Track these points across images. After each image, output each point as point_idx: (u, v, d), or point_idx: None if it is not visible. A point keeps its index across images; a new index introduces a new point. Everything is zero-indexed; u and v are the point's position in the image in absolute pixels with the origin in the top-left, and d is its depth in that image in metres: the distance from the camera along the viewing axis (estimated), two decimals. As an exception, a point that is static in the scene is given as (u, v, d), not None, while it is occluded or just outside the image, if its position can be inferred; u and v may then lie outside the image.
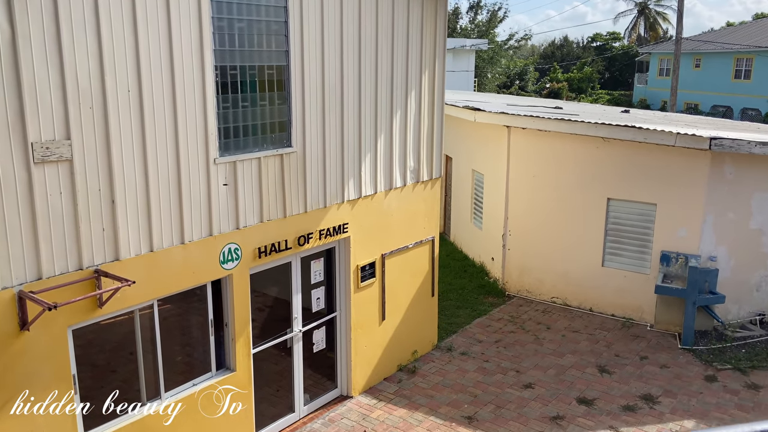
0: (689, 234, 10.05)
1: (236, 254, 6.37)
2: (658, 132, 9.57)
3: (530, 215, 11.60)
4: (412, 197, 8.76)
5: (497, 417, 7.88)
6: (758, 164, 9.82)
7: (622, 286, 10.82)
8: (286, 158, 6.75)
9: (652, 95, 45.92)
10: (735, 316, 10.37)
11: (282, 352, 7.42)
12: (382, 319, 8.57)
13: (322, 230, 7.36)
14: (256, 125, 6.45)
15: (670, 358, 9.44)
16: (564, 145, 11.04)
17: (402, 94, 8.19)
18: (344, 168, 7.52)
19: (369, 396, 8.36)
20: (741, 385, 8.64)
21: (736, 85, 37.92)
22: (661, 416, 7.90)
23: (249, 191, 6.42)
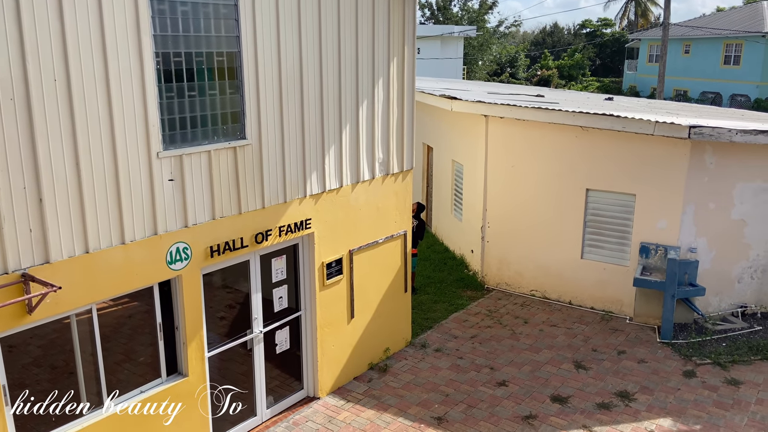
0: (669, 225, 9.77)
1: (185, 254, 6.02)
2: (636, 120, 9.25)
3: (509, 207, 11.30)
4: (381, 190, 8.42)
5: (468, 417, 7.60)
6: (740, 153, 9.53)
7: (602, 279, 10.56)
8: (240, 151, 6.39)
9: (642, 82, 45.65)
10: (716, 309, 10.14)
11: (244, 353, 7.10)
12: (350, 317, 8.26)
13: (283, 226, 7.02)
14: (206, 116, 6.08)
15: (649, 352, 9.19)
16: (542, 134, 10.71)
17: (368, 82, 7.83)
18: (306, 161, 7.16)
19: (337, 397, 8.06)
20: (720, 380, 8.40)
21: (726, 71, 37.70)
22: (636, 414, 7.65)
23: (198, 187, 6.07)
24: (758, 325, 9.84)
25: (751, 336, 9.53)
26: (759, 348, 9.14)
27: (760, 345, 9.21)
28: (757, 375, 8.53)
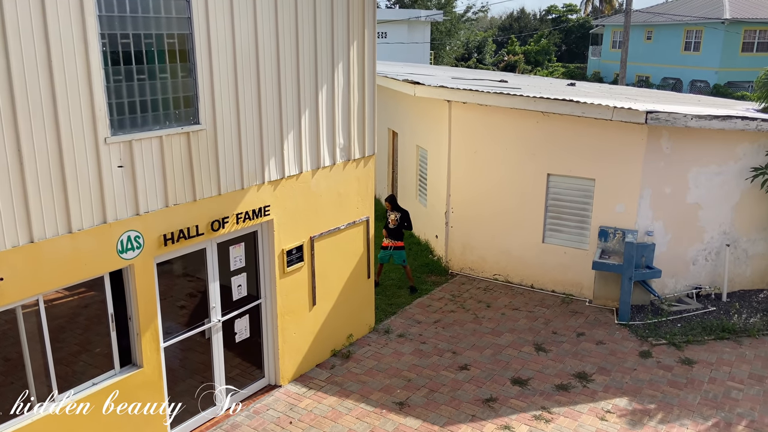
0: (627, 209, 9.94)
1: (137, 242, 5.86)
2: (595, 106, 9.35)
3: (472, 192, 11.34)
4: (343, 176, 8.34)
5: (429, 401, 7.65)
6: (695, 138, 9.73)
7: (562, 263, 10.71)
8: (193, 136, 6.22)
9: (606, 68, 46.26)
10: (672, 290, 10.39)
11: (203, 342, 6.99)
12: (312, 304, 8.20)
13: (240, 214, 6.89)
14: (156, 101, 5.90)
15: (607, 334, 9.38)
16: (505, 119, 10.75)
17: (327, 66, 7.70)
18: (264, 146, 7.03)
19: (299, 384, 8.02)
20: (675, 360, 8.63)
21: (686, 57, 38.44)
22: (594, 395, 7.81)
23: (150, 173, 5.89)
24: (712, 306, 10.13)
25: (705, 316, 9.80)
26: (712, 328, 9.41)
27: (713, 325, 9.48)
28: (710, 354, 8.78)
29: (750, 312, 9.98)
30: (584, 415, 7.39)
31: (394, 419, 7.30)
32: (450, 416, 7.37)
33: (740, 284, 10.71)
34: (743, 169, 10.07)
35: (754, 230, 10.46)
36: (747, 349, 8.95)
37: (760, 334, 9.34)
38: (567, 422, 7.25)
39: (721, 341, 9.15)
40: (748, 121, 9.35)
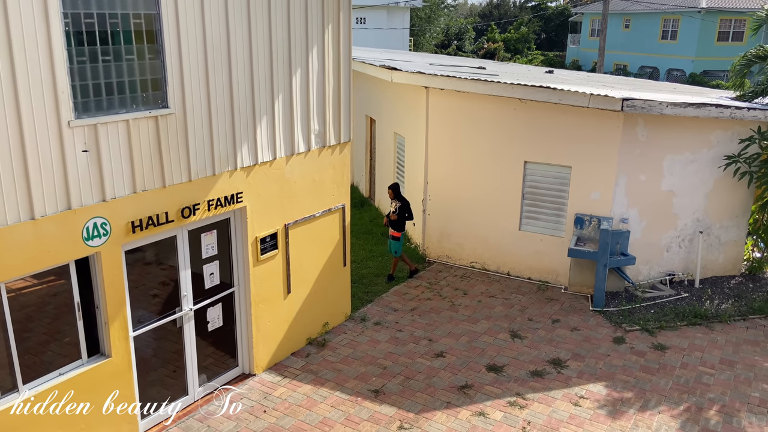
0: (602, 196, 9.98)
1: (104, 229, 5.70)
2: (572, 93, 9.33)
3: (450, 179, 11.29)
4: (318, 163, 8.22)
5: (405, 389, 7.63)
6: (670, 125, 9.78)
7: (539, 250, 10.74)
8: (162, 120, 6.05)
9: (584, 56, 46.49)
10: (646, 277, 10.49)
11: (174, 331, 6.86)
12: (287, 292, 8.10)
13: (212, 200, 6.75)
14: (123, 83, 5.72)
15: (581, 320, 9.45)
16: (482, 106, 10.70)
17: (301, 50, 7.55)
18: (236, 132, 6.88)
19: (273, 373, 7.94)
20: (648, 346, 8.72)
21: (663, 45, 38.78)
22: (567, 381, 7.86)
23: (117, 158, 5.72)
24: (685, 292, 10.26)
25: (677, 303, 9.92)
26: (685, 314, 9.53)
27: (685, 311, 9.60)
28: (682, 340, 8.90)
29: (722, 298, 10.13)
30: (558, 401, 7.44)
31: (369, 407, 7.27)
32: (425, 403, 7.36)
33: (713, 271, 10.86)
34: (717, 157, 10.17)
35: (726, 217, 10.60)
36: (718, 334, 9.08)
37: (732, 319, 9.48)
38: (541, 408, 7.29)
39: (693, 327, 9.28)
40: (722, 109, 9.42)
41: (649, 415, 7.18)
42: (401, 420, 7.03)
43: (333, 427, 6.90)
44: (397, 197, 10.64)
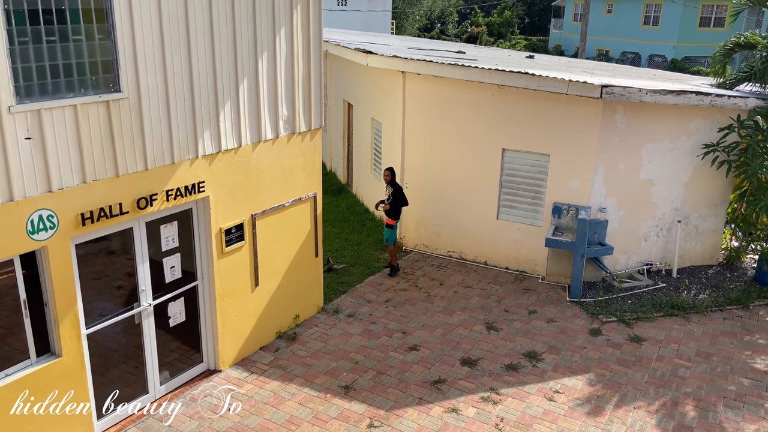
0: (580, 185, 9.79)
1: (50, 222, 5.34)
2: (551, 79, 9.07)
3: (427, 167, 11.02)
4: (287, 150, 7.88)
5: (376, 384, 7.41)
6: (650, 113, 9.58)
7: (516, 239, 10.54)
8: (114, 106, 5.68)
9: (567, 41, 46.27)
10: (623, 267, 10.36)
11: (133, 327, 6.53)
12: (255, 285, 7.81)
13: (170, 190, 6.40)
14: (70, 65, 5.33)
15: (558, 311, 9.29)
16: (460, 92, 10.40)
17: (268, 32, 7.18)
18: (196, 118, 6.52)
19: (240, 368, 7.67)
20: (624, 338, 8.59)
21: (645, 31, 38.66)
22: (542, 374, 7.69)
23: (63, 146, 5.35)
24: (662, 282, 10.14)
25: (655, 293, 9.81)
26: (662, 305, 9.42)
27: (663, 302, 9.48)
28: (659, 331, 8.78)
29: (699, 288, 10.03)
30: (532, 395, 7.27)
31: (338, 404, 7.04)
32: (397, 399, 7.14)
33: (690, 260, 10.76)
34: (696, 146, 10.01)
35: (704, 206, 10.47)
36: (695, 325, 8.98)
37: (708, 310, 9.39)
38: (515, 404, 7.11)
39: (670, 318, 9.17)
40: (702, 97, 9.23)
41: (624, 411, 7.04)
42: (371, 417, 6.81)
43: (300, 426, 6.66)
44: (392, 183, 10.21)
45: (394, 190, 10.21)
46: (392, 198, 10.15)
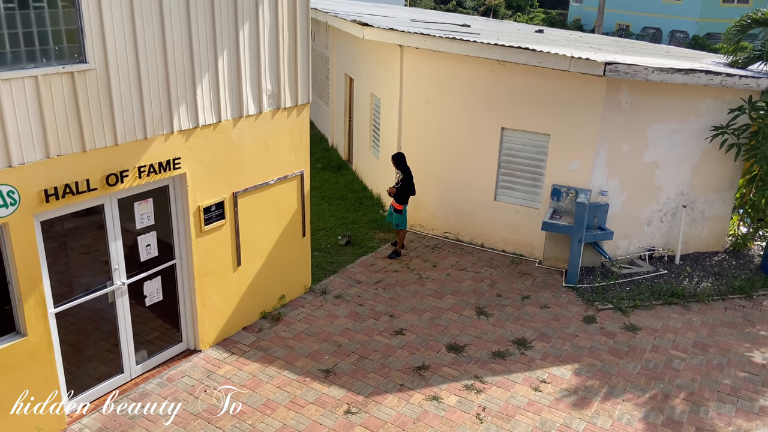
0: (581, 167, 9.41)
1: (11, 198, 5.16)
2: (552, 55, 8.65)
3: (424, 145, 10.68)
4: (271, 126, 7.61)
5: (357, 369, 7.23)
6: (656, 92, 9.13)
7: (514, 221, 10.23)
8: (79, 77, 5.43)
9: (587, 15, 45.01)
10: (624, 252, 10.01)
11: (106, 306, 6.39)
12: (237, 264, 7.62)
13: (143, 167, 6.18)
14: (30, 34, 5.08)
15: (552, 297, 9.01)
16: (459, 68, 10.00)
17: (250, 1, 6.85)
18: (171, 91, 6.26)
19: (221, 349, 7.53)
20: (619, 326, 8.30)
21: (667, 6, 37.46)
22: (530, 363, 7.46)
23: (24, 119, 5.13)
24: (664, 269, 9.80)
25: (655, 280, 9.47)
26: (661, 292, 9.09)
27: (662, 289, 9.16)
28: (656, 320, 8.47)
29: (702, 276, 9.68)
30: (518, 385, 7.05)
31: (317, 388, 6.87)
32: (377, 385, 6.96)
33: (695, 246, 10.38)
34: (704, 128, 9.55)
35: (712, 191, 10.05)
36: (694, 315, 8.66)
37: (710, 299, 9.06)
38: (499, 393, 6.90)
39: (668, 306, 8.85)
40: (712, 76, 8.76)
41: (612, 403, 6.79)
42: (349, 404, 6.64)
43: (276, 410, 6.52)
44: (400, 167, 9.89)
45: (404, 177, 9.88)
46: (400, 183, 9.87)
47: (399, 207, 9.99)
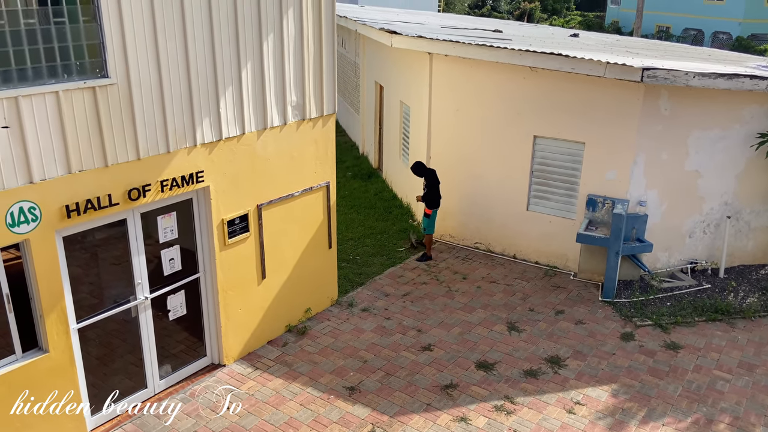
0: (618, 176, 9.03)
1: (32, 215, 5.14)
2: (586, 61, 8.32)
3: (453, 153, 10.45)
4: (296, 138, 7.50)
5: (383, 387, 7.03)
6: (697, 98, 8.70)
7: (547, 232, 9.89)
8: (101, 92, 5.40)
9: (625, 17, 44.00)
10: (665, 265, 9.57)
11: (130, 321, 6.35)
12: (261, 277, 7.51)
13: (165, 180, 6.12)
14: (51, 50, 5.06)
15: (588, 312, 8.64)
16: (489, 75, 9.74)
17: (274, 13, 6.76)
18: (194, 104, 6.19)
19: (245, 363, 7.42)
20: (659, 344, 7.90)
21: (709, 6, 36.30)
22: (564, 383, 7.13)
23: (45, 135, 5.12)
24: (707, 283, 9.32)
25: (698, 295, 9.01)
26: (704, 308, 8.63)
27: (705, 305, 8.69)
28: (698, 338, 8.04)
29: (748, 290, 9.16)
30: (551, 406, 6.73)
31: (341, 407, 6.70)
32: (403, 404, 6.74)
33: (740, 259, 9.86)
34: (750, 135, 9.06)
35: (758, 201, 9.53)
36: (740, 332, 8.18)
37: (756, 315, 8.56)
38: (530, 415, 6.60)
39: (712, 323, 8.39)
40: (758, 81, 8.29)
41: (651, 427, 6.42)
42: (374, 423, 6.44)
43: (298, 429, 6.36)
44: (421, 174, 9.95)
45: (429, 182, 9.89)
46: (427, 189, 9.90)
47: (428, 211, 9.98)
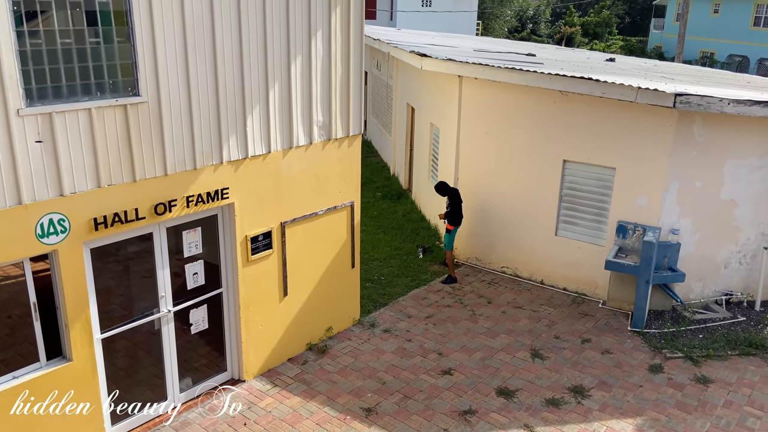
0: (650, 203, 8.82)
1: (62, 226, 5.32)
2: (617, 86, 8.22)
3: (481, 176, 10.40)
4: (321, 157, 7.60)
5: (400, 410, 6.95)
6: (733, 125, 8.47)
7: (576, 258, 9.70)
8: (132, 110, 5.59)
9: (668, 42, 43.33)
10: (698, 296, 9.26)
11: (153, 334, 6.48)
12: (283, 294, 7.58)
13: (191, 196, 6.27)
14: (86, 68, 5.28)
15: (616, 341, 8.41)
16: (519, 99, 9.71)
17: (303, 34, 6.91)
18: (221, 123, 6.35)
19: (265, 380, 7.46)
20: (689, 378, 7.61)
21: (755, 33, 35.46)
22: (587, 414, 6.93)
23: (77, 150, 5.31)
24: (742, 316, 8.97)
25: (731, 327, 8.68)
26: (738, 342, 8.30)
27: (739, 338, 8.36)
28: (730, 373, 7.72)
29: (787, 325, 8.77)
30: (571, 437, 6.55)
31: (357, 428, 6.65)
32: (420, 428, 6.65)
33: (780, 292, 9.47)
34: (790, 163, 8.76)
35: (799, 232, 9.16)
36: (777, 369, 7.83)
37: (795, 352, 8.17)
38: (549, 445, 6.43)
39: (746, 357, 8.05)
40: (798, 108, 8.02)
41: (676, 465, 6.17)
42: (388, 446, 6.38)
43: (312, 448, 6.34)
44: (444, 193, 10.07)
45: (451, 201, 9.99)
46: (450, 207, 10.01)
47: (450, 227, 10.06)
